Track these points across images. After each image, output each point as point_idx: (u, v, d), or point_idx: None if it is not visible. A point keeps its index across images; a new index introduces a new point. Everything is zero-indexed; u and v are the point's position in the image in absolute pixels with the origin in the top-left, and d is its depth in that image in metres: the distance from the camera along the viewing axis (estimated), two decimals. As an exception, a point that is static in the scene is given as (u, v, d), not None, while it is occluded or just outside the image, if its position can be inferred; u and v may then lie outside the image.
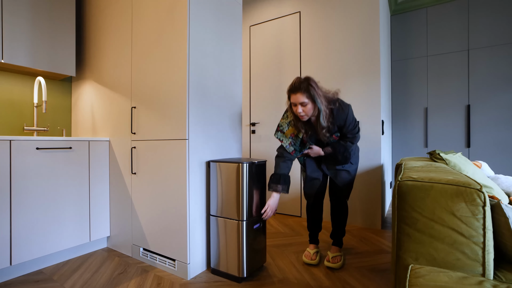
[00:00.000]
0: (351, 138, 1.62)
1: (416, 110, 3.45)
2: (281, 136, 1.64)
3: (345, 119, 1.56)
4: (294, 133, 1.62)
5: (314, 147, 1.65)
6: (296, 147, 1.63)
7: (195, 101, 1.57)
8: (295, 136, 1.62)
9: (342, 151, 1.62)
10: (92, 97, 2.11)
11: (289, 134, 1.62)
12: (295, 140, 1.63)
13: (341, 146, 1.62)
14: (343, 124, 1.57)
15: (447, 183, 0.84)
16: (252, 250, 1.53)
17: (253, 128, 3.15)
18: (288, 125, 1.62)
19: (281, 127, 1.64)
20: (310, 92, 1.45)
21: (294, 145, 1.63)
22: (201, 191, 1.61)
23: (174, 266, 1.57)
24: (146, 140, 1.72)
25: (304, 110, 1.49)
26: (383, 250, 1.90)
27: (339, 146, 1.62)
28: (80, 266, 1.67)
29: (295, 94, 1.47)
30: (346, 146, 1.62)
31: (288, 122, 1.62)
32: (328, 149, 1.64)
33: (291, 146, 1.62)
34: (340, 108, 1.55)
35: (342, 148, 1.61)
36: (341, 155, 1.62)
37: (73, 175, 1.75)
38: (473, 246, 0.79)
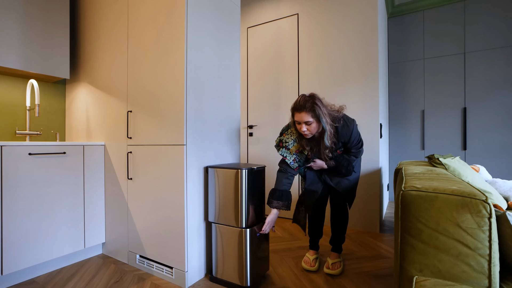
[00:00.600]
0: (355, 152, 1.61)
1: (413, 113, 3.46)
2: (285, 152, 1.60)
3: (349, 135, 1.55)
4: (299, 149, 1.60)
5: (317, 160, 1.63)
6: (300, 163, 1.62)
7: (193, 106, 1.54)
8: (299, 152, 1.60)
9: (346, 165, 1.60)
10: (87, 100, 2.07)
11: (294, 150, 1.60)
12: (300, 157, 1.61)
13: (345, 160, 1.60)
14: (347, 140, 1.56)
15: (452, 193, 0.83)
16: (256, 258, 1.50)
17: (251, 131, 3.13)
18: (294, 142, 1.59)
19: (286, 144, 1.60)
20: (315, 112, 1.43)
21: (298, 162, 1.61)
22: (199, 197, 1.58)
23: (171, 274, 1.53)
24: (142, 145, 1.68)
25: (309, 129, 1.47)
26: (382, 255, 1.89)
27: (342, 160, 1.60)
28: (75, 274, 1.63)
29: (300, 113, 1.44)
30: (350, 160, 1.61)
31: (294, 139, 1.59)
32: (331, 163, 1.62)
33: (296, 162, 1.60)
34: (345, 125, 1.54)
35: (346, 162, 1.60)
36: (344, 169, 1.61)
37: (67, 180, 1.70)
38: (478, 258, 0.78)
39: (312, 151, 1.60)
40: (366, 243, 2.12)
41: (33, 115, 2.05)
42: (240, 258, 1.45)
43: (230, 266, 1.47)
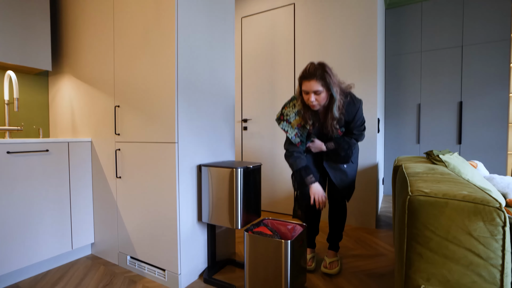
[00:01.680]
0: (357, 135, 1.53)
1: (409, 106, 3.42)
2: (286, 126, 1.53)
3: (355, 114, 1.47)
4: (301, 123, 1.51)
5: (316, 141, 1.55)
6: (302, 139, 1.54)
7: (184, 101, 1.45)
8: (301, 126, 1.52)
9: (346, 147, 1.51)
10: (71, 93, 1.94)
11: (296, 124, 1.52)
12: (301, 131, 1.53)
13: (345, 142, 1.51)
14: (351, 119, 1.48)
15: (463, 199, 0.77)
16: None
17: (245, 125, 3.04)
18: (296, 115, 1.51)
19: (287, 117, 1.53)
20: (325, 80, 1.35)
21: (300, 137, 1.53)
22: (192, 197, 1.51)
23: (164, 276, 1.47)
24: (131, 142, 1.59)
25: (317, 99, 1.39)
26: (380, 253, 1.87)
27: (343, 142, 1.52)
28: (62, 278, 1.55)
29: (309, 81, 1.36)
30: (350, 143, 1.52)
31: (296, 112, 1.51)
32: (331, 145, 1.54)
33: (297, 137, 1.53)
34: (352, 102, 1.47)
35: (346, 145, 1.51)
36: (344, 152, 1.52)
37: (51, 180, 1.60)
38: (490, 269, 0.74)
39: (314, 125, 1.51)
40: (363, 239, 2.10)
41: (13, 109, 1.92)
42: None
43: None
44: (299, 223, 1.46)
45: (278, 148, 2.82)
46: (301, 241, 1.36)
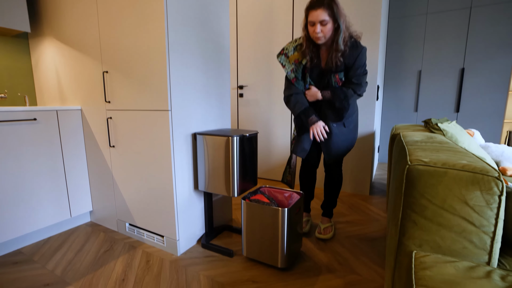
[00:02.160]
0: (355, 85, 1.45)
1: (409, 73, 3.32)
2: (284, 60, 1.51)
3: (356, 57, 1.40)
4: (299, 59, 1.48)
5: (312, 88, 1.50)
6: (297, 75, 1.50)
7: (177, 66, 1.36)
8: (298, 62, 1.49)
9: (342, 97, 1.44)
10: (56, 58, 1.82)
11: (293, 59, 1.49)
12: (297, 67, 1.50)
13: (342, 92, 1.44)
14: (352, 63, 1.41)
15: (462, 169, 0.76)
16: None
17: (241, 92, 2.95)
18: (295, 50, 1.49)
19: (286, 51, 1.51)
20: (332, 9, 1.31)
21: (295, 72, 1.50)
22: (187, 165, 1.50)
23: (163, 242, 1.52)
24: (123, 110, 1.53)
25: (323, 30, 1.34)
26: (372, 218, 1.93)
27: (339, 91, 1.45)
28: (63, 244, 1.59)
29: (315, 11, 1.31)
30: (347, 93, 1.44)
31: (295, 46, 1.49)
32: (327, 93, 1.48)
33: (293, 73, 1.50)
34: (355, 44, 1.41)
35: (342, 95, 1.44)
36: (339, 102, 1.46)
37: (42, 150, 1.56)
38: (482, 235, 0.75)
39: (311, 62, 1.47)
40: (357, 206, 2.16)
41: (-6, 75, 1.81)
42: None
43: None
44: (296, 191, 1.48)
45: (274, 115, 2.77)
46: (298, 208, 1.38)
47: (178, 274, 1.31)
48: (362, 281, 1.25)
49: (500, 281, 0.66)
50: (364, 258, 1.44)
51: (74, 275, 1.31)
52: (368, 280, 1.26)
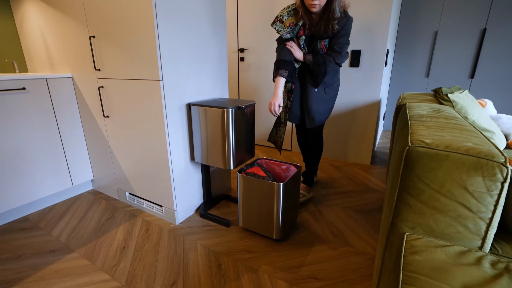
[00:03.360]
0: (336, 53, 1.49)
1: (424, 35, 3.07)
2: (279, 26, 1.50)
3: (342, 26, 1.42)
4: (294, 22, 1.48)
5: (296, 51, 1.52)
6: (293, 35, 1.52)
7: (167, 32, 1.25)
8: (294, 25, 1.49)
9: (321, 62, 1.50)
10: (39, 20, 1.70)
11: (288, 23, 1.48)
12: (293, 29, 1.50)
13: (321, 57, 1.50)
14: (338, 31, 1.43)
15: (466, 153, 0.71)
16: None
17: (242, 55, 2.79)
18: (288, 15, 1.48)
19: (280, 17, 1.50)
20: None
21: (291, 33, 1.50)
22: (182, 137, 1.46)
23: (161, 211, 1.55)
24: (114, 78, 1.45)
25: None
26: (370, 189, 1.93)
27: (319, 56, 1.50)
28: (66, 212, 1.64)
29: None
30: (326, 60, 1.49)
31: (288, 11, 1.48)
32: (309, 56, 1.52)
33: (288, 34, 1.51)
34: (343, 16, 1.41)
35: (321, 59, 1.50)
36: (317, 67, 1.50)
37: (35, 120, 1.53)
38: (478, 221, 0.73)
39: (305, 26, 1.49)
40: (356, 175, 2.16)
41: (-22, 39, 1.71)
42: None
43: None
44: (294, 163, 1.45)
45: (276, 82, 2.64)
46: (294, 181, 1.37)
47: (176, 243, 1.35)
48: (354, 253, 1.28)
49: (489, 268, 0.65)
50: (358, 230, 1.46)
51: (78, 242, 1.37)
52: (360, 252, 1.29)
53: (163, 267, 1.20)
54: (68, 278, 1.14)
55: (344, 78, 2.29)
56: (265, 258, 1.25)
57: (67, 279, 1.13)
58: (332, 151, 2.53)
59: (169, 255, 1.27)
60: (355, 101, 2.29)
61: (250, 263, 1.22)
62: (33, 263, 1.23)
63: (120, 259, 1.25)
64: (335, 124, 2.44)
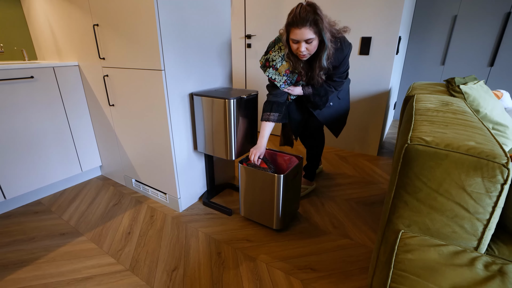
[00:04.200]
0: (336, 83, 1.41)
1: (442, 19, 2.90)
2: (273, 74, 1.36)
3: (341, 60, 1.32)
4: (290, 69, 1.35)
5: (294, 89, 1.42)
6: (291, 85, 1.41)
7: (168, 20, 1.23)
8: (290, 72, 1.36)
9: (322, 94, 1.43)
10: (46, 8, 1.70)
11: (283, 70, 1.35)
12: (291, 78, 1.38)
13: (322, 88, 1.41)
14: (337, 65, 1.33)
15: (467, 153, 0.69)
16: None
17: (249, 42, 2.74)
18: (283, 60, 1.33)
19: (273, 63, 1.34)
20: (318, 26, 1.15)
21: (290, 84, 1.40)
22: (185, 126, 1.47)
23: (165, 198, 1.60)
24: (118, 68, 1.46)
25: (308, 49, 1.20)
26: (375, 181, 1.91)
27: (320, 89, 1.42)
28: (76, 196, 1.71)
29: (300, 29, 1.15)
30: (327, 90, 1.42)
31: (282, 56, 1.33)
32: (308, 89, 1.43)
33: (287, 84, 1.39)
34: (340, 49, 1.28)
35: (323, 91, 1.42)
36: (318, 98, 1.44)
37: (43, 107, 1.57)
38: (474, 222, 0.71)
39: (306, 76, 1.36)
40: (361, 167, 2.13)
41: (-13, 27, 1.74)
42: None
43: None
44: (296, 155, 1.45)
45: (283, 70, 2.59)
46: (295, 173, 1.37)
47: (178, 230, 1.40)
48: (353, 246, 1.29)
49: (482, 270, 0.64)
50: (359, 222, 1.47)
51: (86, 226, 1.43)
52: (359, 245, 1.30)
53: (165, 253, 1.25)
54: (76, 260, 1.20)
55: (353, 66, 2.22)
56: (264, 248, 1.28)
57: (75, 261, 1.20)
58: (338, 141, 2.50)
59: (171, 241, 1.32)
60: (363, 91, 2.23)
61: (249, 252, 1.25)
62: (45, 245, 1.30)
63: (125, 244, 1.30)
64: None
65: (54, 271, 1.15)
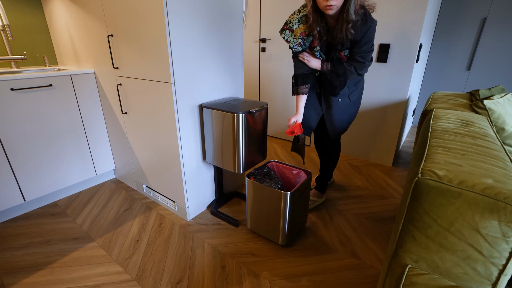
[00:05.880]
0: (359, 63, 1.31)
1: (469, 22, 2.73)
2: (289, 36, 1.33)
3: (364, 33, 1.23)
4: (306, 32, 1.30)
5: (312, 60, 1.36)
6: (305, 48, 1.35)
7: (178, 32, 1.23)
8: (306, 35, 1.31)
9: (341, 73, 1.33)
10: (66, 17, 1.76)
11: (299, 33, 1.31)
12: (305, 40, 1.33)
13: (342, 67, 1.33)
14: (359, 39, 1.25)
15: (482, 193, 0.64)
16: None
17: (263, 45, 2.71)
18: (300, 22, 1.30)
19: (290, 24, 1.32)
20: None
21: (303, 46, 1.34)
22: (194, 136, 1.48)
23: (174, 206, 1.62)
24: (130, 77, 1.49)
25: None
26: (388, 195, 1.85)
27: (339, 67, 1.33)
28: (90, 199, 1.78)
29: None
30: (347, 71, 1.33)
31: (299, 18, 1.29)
32: (327, 65, 1.35)
33: (300, 46, 1.34)
34: (364, 19, 1.21)
35: (341, 70, 1.33)
36: (336, 77, 1.34)
37: (61, 114, 1.63)
38: (489, 266, 0.67)
39: (320, 38, 1.30)
40: (375, 178, 2.06)
41: (14, 37, 1.82)
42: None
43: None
44: (305, 169, 1.42)
45: (297, 75, 2.54)
46: (304, 189, 1.34)
47: (185, 240, 1.41)
48: (360, 266, 1.25)
49: (494, 321, 0.60)
50: (368, 240, 1.42)
51: (97, 232, 1.48)
52: (367, 265, 1.26)
53: (171, 263, 1.27)
54: (86, 267, 1.25)
55: (369, 73, 2.14)
56: (269, 264, 1.27)
57: (85, 268, 1.24)
58: (352, 149, 2.43)
59: (177, 252, 1.34)
60: (380, 99, 2.15)
61: (253, 267, 1.25)
62: (59, 249, 1.36)
63: (133, 252, 1.34)
64: (357, 121, 2.32)
65: (66, 276, 1.20)
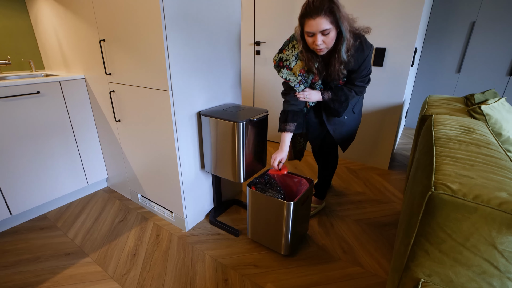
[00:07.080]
0: (358, 87, 1.31)
1: (459, 25, 2.79)
2: (287, 74, 1.28)
3: (362, 62, 1.22)
4: (305, 68, 1.26)
5: (312, 92, 1.32)
6: (307, 85, 1.33)
7: (176, 39, 1.19)
8: (306, 72, 1.28)
9: (343, 99, 1.31)
10: (53, 19, 1.68)
11: (298, 70, 1.26)
12: (306, 78, 1.29)
13: (343, 94, 1.30)
14: (357, 67, 1.23)
15: (499, 208, 0.63)
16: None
17: (258, 49, 2.68)
18: (296, 59, 1.25)
19: (287, 62, 1.26)
20: (334, 15, 1.05)
21: (305, 83, 1.31)
22: (193, 145, 1.43)
23: (172, 217, 1.57)
24: (124, 84, 1.43)
25: (325, 41, 1.11)
26: (386, 199, 1.85)
27: (340, 93, 1.31)
28: (82, 211, 1.70)
29: (314, 19, 1.05)
30: (348, 96, 1.31)
31: (296, 54, 1.24)
32: (328, 94, 1.33)
33: (302, 84, 1.30)
34: (361, 48, 1.19)
35: (343, 97, 1.31)
36: (338, 104, 1.32)
37: (50, 123, 1.55)
38: (505, 281, 0.66)
39: (320, 74, 1.27)
40: (372, 182, 2.07)
41: (-6, 40, 1.73)
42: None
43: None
44: (306, 177, 1.40)
45: (293, 78, 2.53)
46: (306, 198, 1.32)
47: (185, 252, 1.37)
48: (364, 275, 1.24)
49: None
50: (370, 247, 1.41)
51: (91, 246, 1.41)
52: (370, 274, 1.25)
53: (171, 278, 1.22)
54: (81, 285, 1.18)
55: (365, 77, 2.15)
56: (272, 275, 1.24)
57: (80, 286, 1.18)
58: (349, 153, 2.43)
59: (177, 265, 1.29)
60: (376, 103, 2.16)
61: (257, 279, 1.22)
62: (51, 266, 1.28)
63: (130, 267, 1.28)
64: (353, 125, 2.32)
65: (59, 296, 1.13)
